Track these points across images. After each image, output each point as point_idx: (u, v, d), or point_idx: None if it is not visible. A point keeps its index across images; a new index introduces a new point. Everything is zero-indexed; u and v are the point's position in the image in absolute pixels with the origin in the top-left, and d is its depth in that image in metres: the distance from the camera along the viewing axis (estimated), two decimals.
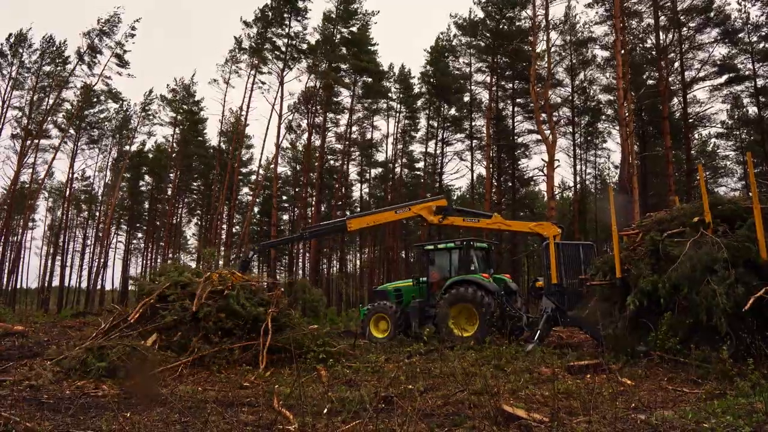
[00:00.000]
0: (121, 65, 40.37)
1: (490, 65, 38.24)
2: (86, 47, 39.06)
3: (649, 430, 4.72)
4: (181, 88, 48.38)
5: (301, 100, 38.40)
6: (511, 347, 10.88)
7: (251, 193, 46.35)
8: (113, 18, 39.61)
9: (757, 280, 8.10)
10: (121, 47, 39.97)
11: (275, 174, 37.66)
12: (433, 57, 41.88)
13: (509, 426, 4.97)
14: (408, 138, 45.85)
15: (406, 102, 44.48)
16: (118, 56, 40.18)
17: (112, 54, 40.07)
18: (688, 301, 8.47)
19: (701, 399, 5.95)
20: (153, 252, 54.93)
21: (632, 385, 7.13)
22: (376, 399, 6.03)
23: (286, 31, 37.85)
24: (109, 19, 39.56)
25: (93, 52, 39.47)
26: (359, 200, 51.16)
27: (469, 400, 6.20)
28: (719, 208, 9.66)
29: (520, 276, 36.80)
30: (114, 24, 39.68)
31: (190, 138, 48.89)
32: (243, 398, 7.14)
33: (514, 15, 36.42)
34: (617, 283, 10.06)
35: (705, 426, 4.64)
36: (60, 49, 40.17)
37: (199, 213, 56.42)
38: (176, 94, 48.20)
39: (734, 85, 34.80)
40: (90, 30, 39.09)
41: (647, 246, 9.93)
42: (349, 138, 42.67)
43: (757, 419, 4.74)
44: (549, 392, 6.60)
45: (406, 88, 44.42)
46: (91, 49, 39.23)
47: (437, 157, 42.98)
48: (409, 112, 44.92)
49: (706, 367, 7.41)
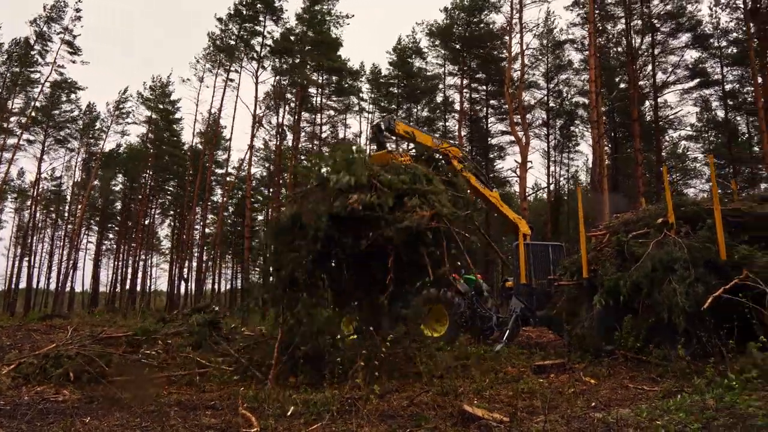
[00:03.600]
0: (72, 52, 39.33)
1: (461, 69, 38.44)
2: (35, 36, 38.03)
3: (604, 428, 4.78)
4: (158, 86, 47.71)
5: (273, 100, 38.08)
6: (479, 347, 10.94)
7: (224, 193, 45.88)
8: (59, 2, 38.49)
9: (716, 280, 8.27)
10: (69, 33, 38.92)
11: (248, 174, 37.36)
12: (399, 60, 41.88)
13: (470, 426, 4.99)
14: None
15: (377, 102, 44.41)
16: (69, 43, 39.06)
17: (62, 41, 38.82)
18: (651, 301, 8.62)
19: (658, 397, 6.06)
20: (125, 253, 54.11)
21: (595, 384, 7.23)
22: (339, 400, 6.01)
23: (261, 31, 37.52)
24: (56, 3, 38.47)
25: (43, 40, 38.34)
26: None
27: (433, 401, 6.22)
28: (682, 210, 9.88)
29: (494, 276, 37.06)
30: (61, 9, 38.60)
31: (164, 138, 48.17)
32: (207, 402, 7.05)
33: (483, 18, 36.68)
34: (584, 284, 10.20)
35: (658, 423, 4.72)
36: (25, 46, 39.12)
37: (172, 214, 55.73)
38: (153, 93, 47.51)
39: (704, 88, 35.63)
40: (37, 17, 38.02)
41: (613, 247, 10.09)
42: (320, 137, 42.51)
43: (707, 416, 4.85)
44: (513, 392, 6.66)
45: (377, 88, 44.36)
46: (40, 37, 38.12)
47: None
48: (382, 113, 44.92)
49: (665, 366, 7.54)
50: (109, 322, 21.22)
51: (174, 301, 43.50)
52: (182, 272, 44.53)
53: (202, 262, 42.77)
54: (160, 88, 47.74)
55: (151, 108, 47.37)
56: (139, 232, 48.52)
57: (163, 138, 47.93)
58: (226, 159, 51.46)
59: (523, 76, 32.31)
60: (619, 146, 37.05)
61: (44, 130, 42.94)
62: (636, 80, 32.10)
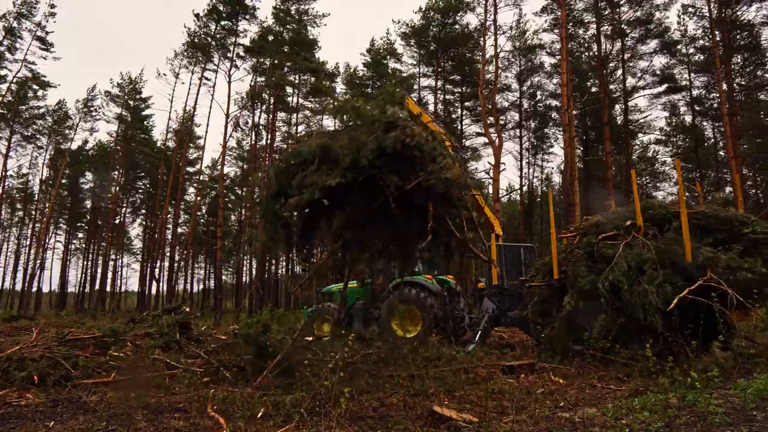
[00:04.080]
0: (44, 48, 38.48)
1: (435, 70, 38.61)
2: (4, 32, 37.04)
3: (570, 428, 4.85)
4: (127, 83, 46.88)
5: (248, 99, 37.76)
6: (452, 348, 11.00)
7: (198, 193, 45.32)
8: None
9: (682, 281, 8.46)
10: (42, 28, 38.06)
11: (221, 174, 36.97)
12: (373, 61, 41.92)
13: (440, 427, 5.02)
14: None
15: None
16: (41, 39, 38.20)
17: (33, 37, 38.06)
18: (621, 301, 8.77)
19: (625, 396, 6.17)
20: (94, 253, 53.09)
21: (564, 384, 7.32)
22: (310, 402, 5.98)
23: (235, 29, 37.15)
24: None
25: (12, 36, 37.43)
26: None
27: (404, 401, 6.23)
28: (650, 212, 10.08)
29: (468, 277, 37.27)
30: (32, 5, 37.76)
31: (135, 135, 47.36)
32: (176, 404, 6.94)
33: (458, 20, 36.91)
34: (555, 285, 10.34)
35: (623, 422, 4.81)
36: None
37: (144, 213, 54.90)
38: (122, 89, 46.66)
39: (672, 94, 36.45)
40: (6, 12, 37.19)
41: (583, 248, 10.23)
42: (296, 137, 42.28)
43: (670, 414, 4.96)
44: (484, 392, 6.72)
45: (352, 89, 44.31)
46: (9, 33, 37.19)
47: None
48: None
49: (633, 365, 7.68)
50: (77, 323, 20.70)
51: (145, 302, 42.87)
52: (154, 272, 43.90)
53: (174, 262, 42.20)
54: (130, 85, 46.93)
55: (120, 105, 46.54)
56: (109, 231, 47.58)
57: (133, 136, 47.13)
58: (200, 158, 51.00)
59: (497, 78, 32.63)
60: (591, 149, 37.66)
61: (10, 126, 41.91)
62: (606, 84, 32.70)
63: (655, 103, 36.74)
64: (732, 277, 8.24)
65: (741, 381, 6.02)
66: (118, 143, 46.59)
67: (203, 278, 66.42)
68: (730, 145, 27.24)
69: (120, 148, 46.39)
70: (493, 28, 31.51)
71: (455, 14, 36.46)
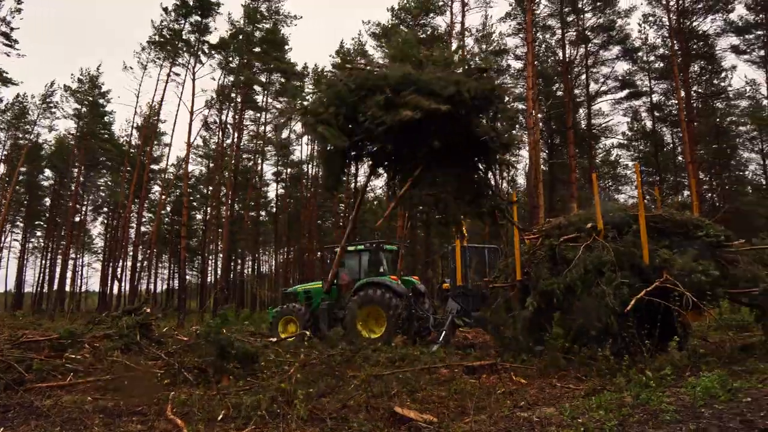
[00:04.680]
0: (8, 44, 37.00)
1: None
2: None
3: (528, 427, 4.94)
4: (87, 78, 45.72)
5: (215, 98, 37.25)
6: (416, 348, 11.06)
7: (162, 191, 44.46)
8: None
9: (639, 282, 8.69)
10: (6, 24, 36.65)
11: (186, 172, 36.38)
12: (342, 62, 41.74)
13: (400, 428, 5.05)
14: None
15: None
16: (5, 34, 36.68)
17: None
18: (581, 302, 8.95)
19: (582, 395, 6.30)
20: (53, 252, 51.60)
21: (524, 384, 7.44)
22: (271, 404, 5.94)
23: (198, 25, 36.39)
24: None
25: None
26: (275, 200, 50.48)
27: (366, 402, 6.23)
28: (610, 215, 10.30)
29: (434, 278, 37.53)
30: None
31: (95, 131, 46.16)
32: (134, 407, 6.81)
33: (428, 22, 37.09)
34: (518, 286, 10.48)
35: (579, 421, 4.92)
36: None
37: (106, 211, 53.64)
38: (82, 85, 45.47)
39: (633, 99, 37.40)
40: None
41: (546, 250, 10.39)
42: (264, 137, 41.94)
43: (624, 413, 5.09)
44: (446, 392, 6.78)
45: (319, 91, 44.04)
46: None
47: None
48: None
49: (591, 365, 7.85)
50: (34, 324, 20.15)
51: (106, 302, 41.89)
52: (116, 272, 42.93)
53: (137, 261, 41.38)
54: (89, 81, 45.80)
55: (79, 101, 45.38)
56: (69, 229, 46.30)
57: (93, 132, 45.93)
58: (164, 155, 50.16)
59: None
60: (555, 152, 38.30)
61: None
62: (571, 89, 33.32)
63: (618, 108, 37.68)
64: (687, 278, 8.49)
65: (692, 379, 6.21)
66: (77, 139, 45.31)
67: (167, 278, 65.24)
68: (688, 150, 28.07)
69: (79, 144, 45.14)
70: (461, 28, 31.94)
71: (426, 15, 36.63)
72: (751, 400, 5.28)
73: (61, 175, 48.92)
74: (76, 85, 45.18)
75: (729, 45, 33.27)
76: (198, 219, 56.15)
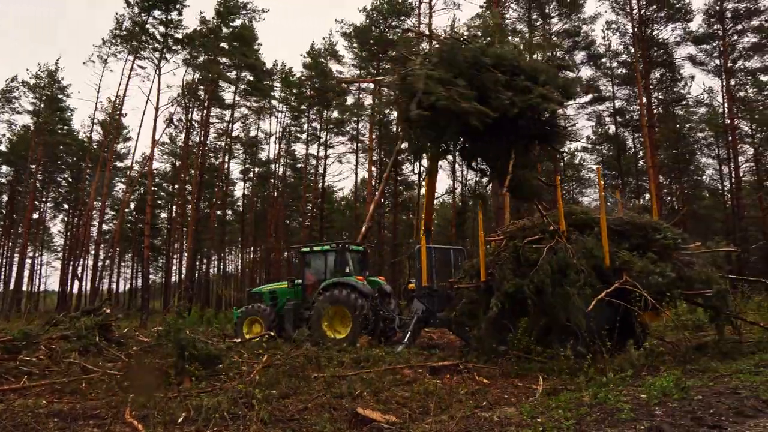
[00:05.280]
0: None
1: (375, 72, 38.74)
2: None
3: (488, 427, 5.00)
4: (45, 73, 44.45)
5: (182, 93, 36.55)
6: (380, 348, 11.07)
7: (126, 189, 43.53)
8: None
9: (600, 284, 8.87)
10: None
11: (150, 169, 35.63)
12: (313, 62, 41.66)
13: (362, 429, 5.05)
14: (291, 137, 45.35)
15: (287, 101, 43.86)
16: None
17: None
18: (544, 303, 9.09)
19: (543, 395, 6.40)
20: (10, 250, 50.00)
21: (487, 384, 7.52)
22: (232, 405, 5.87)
23: (164, 19, 35.62)
24: None
25: None
26: (242, 199, 49.96)
27: (330, 403, 6.22)
28: (573, 218, 10.50)
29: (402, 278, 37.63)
30: None
31: (54, 126, 44.86)
32: (92, 411, 6.64)
33: (398, 24, 37.18)
34: (482, 287, 10.57)
35: (538, 420, 5.01)
36: None
37: (66, 208, 52.21)
38: (40, 79, 44.18)
39: (597, 104, 38.21)
40: None
41: (510, 251, 10.52)
42: (231, 135, 41.40)
43: (582, 412, 5.20)
44: (409, 393, 6.80)
45: (289, 87, 43.76)
46: None
47: (319, 159, 42.89)
48: (294, 113, 44.39)
49: (553, 365, 7.98)
50: None
51: (66, 302, 40.77)
52: (76, 271, 41.80)
53: (98, 260, 40.40)
54: (48, 75, 44.54)
55: (38, 96, 44.10)
56: (26, 227, 44.89)
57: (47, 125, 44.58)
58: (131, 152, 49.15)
59: None
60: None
61: None
62: None
63: (582, 113, 38.43)
64: (645, 280, 8.71)
65: (648, 378, 6.37)
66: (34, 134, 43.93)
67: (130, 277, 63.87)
68: (649, 154, 28.82)
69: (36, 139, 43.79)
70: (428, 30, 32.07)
71: (398, 17, 36.71)
72: (702, 398, 5.45)
73: (19, 171, 47.38)
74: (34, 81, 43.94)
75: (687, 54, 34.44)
76: (163, 217, 55.21)
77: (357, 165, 41.71)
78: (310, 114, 43.23)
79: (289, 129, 44.98)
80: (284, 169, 46.13)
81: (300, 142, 45.48)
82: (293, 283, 15.27)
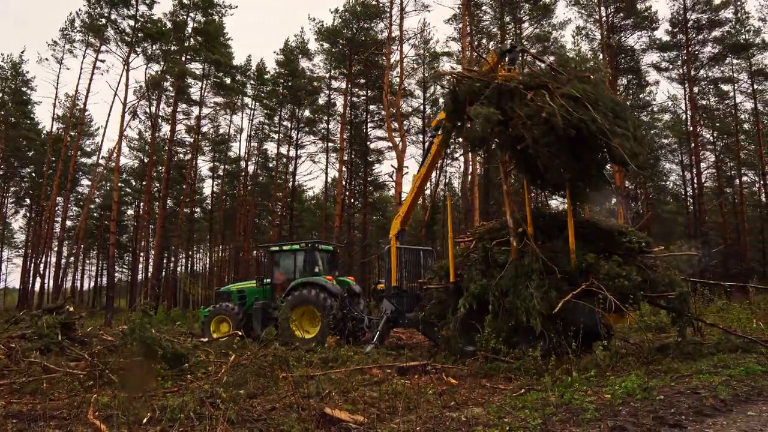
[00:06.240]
0: None
1: (346, 72, 38.69)
2: None
3: (456, 426, 5.04)
4: (9, 66, 43.15)
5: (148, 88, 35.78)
6: (349, 349, 11.06)
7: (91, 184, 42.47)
8: None
9: (567, 286, 9.01)
10: None
11: (117, 165, 34.80)
12: (286, 59, 41.36)
13: (330, 429, 5.04)
14: (263, 135, 44.93)
15: (259, 99, 43.46)
16: None
17: None
18: (511, 304, 9.20)
19: (510, 395, 6.49)
20: None
21: (455, 384, 7.58)
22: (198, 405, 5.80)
23: (133, 12, 34.64)
24: None
25: None
26: (210, 197, 49.31)
27: (298, 403, 6.19)
28: (541, 221, 10.64)
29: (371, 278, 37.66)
30: None
31: (16, 120, 43.56)
32: (53, 411, 6.47)
33: (370, 26, 37.18)
34: (451, 287, 10.66)
35: (505, 420, 5.08)
36: None
37: (28, 204, 50.77)
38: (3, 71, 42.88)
39: None
40: None
41: (479, 253, 10.63)
42: (199, 131, 40.74)
43: (548, 412, 5.29)
44: (378, 393, 6.81)
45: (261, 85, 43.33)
46: None
47: (290, 158, 42.60)
48: (266, 111, 43.98)
49: (520, 365, 8.08)
50: None
51: (28, 300, 39.65)
52: (38, 268, 40.69)
53: (61, 257, 39.37)
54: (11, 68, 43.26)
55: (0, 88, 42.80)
56: None
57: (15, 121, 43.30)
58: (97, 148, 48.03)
59: (401, 84, 33.27)
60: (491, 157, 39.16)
61: None
62: None
63: None
64: (611, 283, 8.88)
65: (612, 378, 6.51)
66: None
67: (95, 275, 62.47)
68: None
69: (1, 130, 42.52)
70: (399, 33, 32.28)
71: (371, 19, 36.69)
72: (664, 398, 5.60)
73: None
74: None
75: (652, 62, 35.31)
76: (129, 214, 54.15)
77: (327, 164, 41.57)
78: (282, 112, 42.89)
79: (261, 127, 44.56)
80: (255, 168, 45.68)
81: (271, 141, 45.10)
82: (262, 283, 15.14)
